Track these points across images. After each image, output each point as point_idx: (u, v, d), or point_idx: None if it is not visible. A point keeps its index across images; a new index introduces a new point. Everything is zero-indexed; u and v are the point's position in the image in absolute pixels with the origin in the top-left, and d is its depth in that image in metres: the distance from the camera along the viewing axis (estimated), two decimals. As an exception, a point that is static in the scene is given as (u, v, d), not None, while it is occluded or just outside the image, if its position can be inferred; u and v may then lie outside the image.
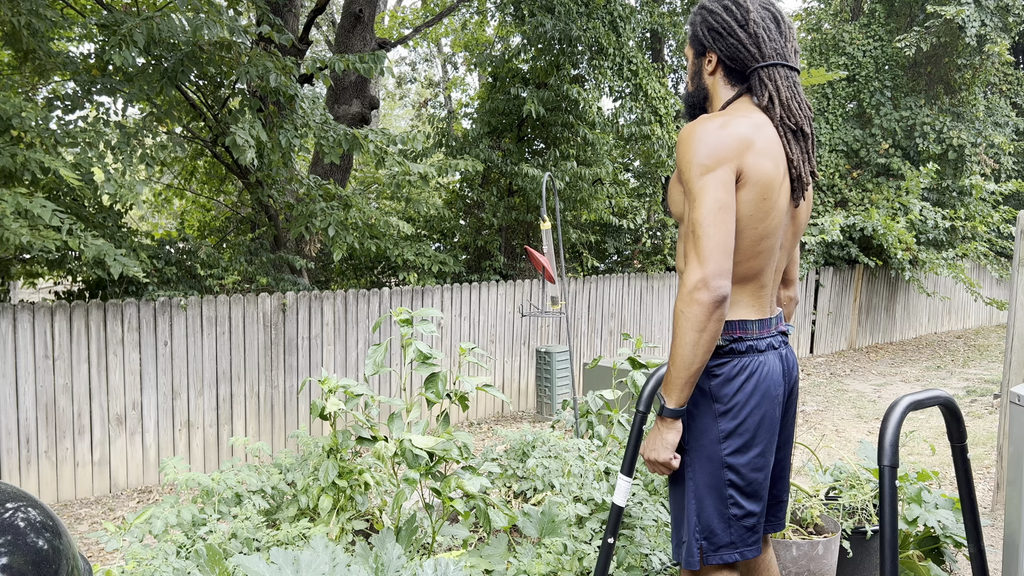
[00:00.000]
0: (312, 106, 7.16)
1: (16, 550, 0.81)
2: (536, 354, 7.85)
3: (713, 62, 1.91)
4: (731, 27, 1.86)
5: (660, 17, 10.21)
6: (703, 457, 1.84)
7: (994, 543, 3.64)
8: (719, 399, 1.82)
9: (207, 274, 6.62)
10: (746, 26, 1.85)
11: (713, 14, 1.88)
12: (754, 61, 1.86)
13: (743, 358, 1.83)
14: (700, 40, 1.91)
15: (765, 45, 1.85)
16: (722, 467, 1.83)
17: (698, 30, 1.90)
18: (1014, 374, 3.95)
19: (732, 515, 1.84)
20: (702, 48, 1.92)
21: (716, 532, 1.85)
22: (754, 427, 1.83)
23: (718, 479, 1.83)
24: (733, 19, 1.86)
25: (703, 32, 1.89)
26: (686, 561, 1.88)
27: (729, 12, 1.87)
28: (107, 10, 5.72)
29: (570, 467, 3.05)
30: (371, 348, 2.73)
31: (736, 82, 1.90)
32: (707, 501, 1.84)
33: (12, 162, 4.57)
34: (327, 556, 1.89)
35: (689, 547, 1.87)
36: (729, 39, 1.87)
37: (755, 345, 1.85)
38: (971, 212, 12.19)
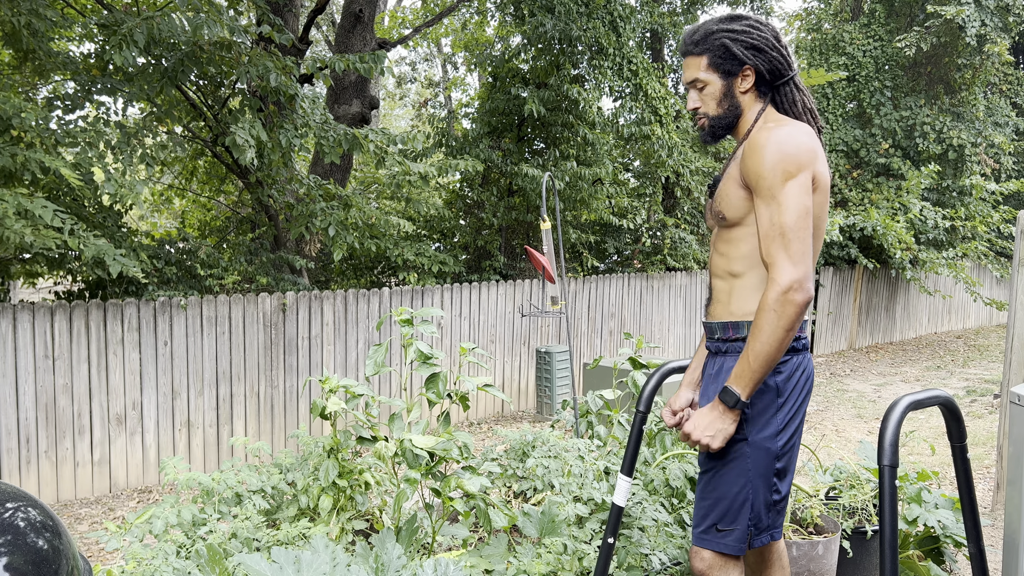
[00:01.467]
0: (312, 106, 7.16)
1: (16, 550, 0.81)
2: (536, 354, 7.85)
3: (750, 78, 1.99)
4: (770, 42, 1.97)
5: (660, 17, 10.21)
6: (762, 448, 1.93)
7: (994, 543, 3.64)
8: (782, 394, 1.93)
9: (207, 274, 6.62)
10: (779, 40, 1.99)
11: (748, 33, 1.96)
12: (788, 71, 2.00)
13: (799, 355, 1.97)
14: (738, 59, 1.96)
15: (791, 56, 2.01)
16: (775, 457, 1.94)
17: (735, 49, 1.95)
18: (1014, 374, 3.95)
19: (773, 500, 1.97)
20: (737, 67, 1.97)
21: (762, 517, 1.96)
22: (800, 419, 1.99)
23: (770, 468, 1.93)
24: (770, 34, 1.98)
25: (741, 51, 1.95)
26: (734, 547, 1.95)
27: (760, 29, 1.98)
28: (107, 10, 5.72)
29: (570, 467, 3.05)
30: (372, 348, 2.73)
31: (762, 95, 2.02)
32: (760, 489, 1.94)
33: (12, 162, 4.57)
34: (328, 555, 1.89)
35: (741, 533, 1.95)
36: (771, 53, 1.97)
37: (805, 343, 2.01)
38: (971, 212, 12.19)
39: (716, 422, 1.90)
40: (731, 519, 1.96)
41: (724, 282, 2.01)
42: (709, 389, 2.05)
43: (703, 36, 1.98)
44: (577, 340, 8.61)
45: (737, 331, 1.99)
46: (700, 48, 1.99)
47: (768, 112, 2.00)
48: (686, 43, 2.03)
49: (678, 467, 3.04)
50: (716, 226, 2.03)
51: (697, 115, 2.04)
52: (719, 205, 1.97)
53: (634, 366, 3.40)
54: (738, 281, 1.98)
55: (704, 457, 2.01)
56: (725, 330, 2.01)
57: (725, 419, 1.89)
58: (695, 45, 2.00)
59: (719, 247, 2.01)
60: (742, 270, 1.97)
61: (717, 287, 2.04)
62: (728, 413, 1.89)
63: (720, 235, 2.01)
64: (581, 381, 7.89)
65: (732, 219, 1.96)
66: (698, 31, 2.01)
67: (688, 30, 2.05)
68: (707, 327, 2.09)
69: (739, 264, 1.97)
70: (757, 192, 1.86)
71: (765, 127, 1.89)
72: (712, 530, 1.98)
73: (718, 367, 2.04)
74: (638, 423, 2.35)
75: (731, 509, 1.96)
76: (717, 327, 2.03)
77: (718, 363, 2.04)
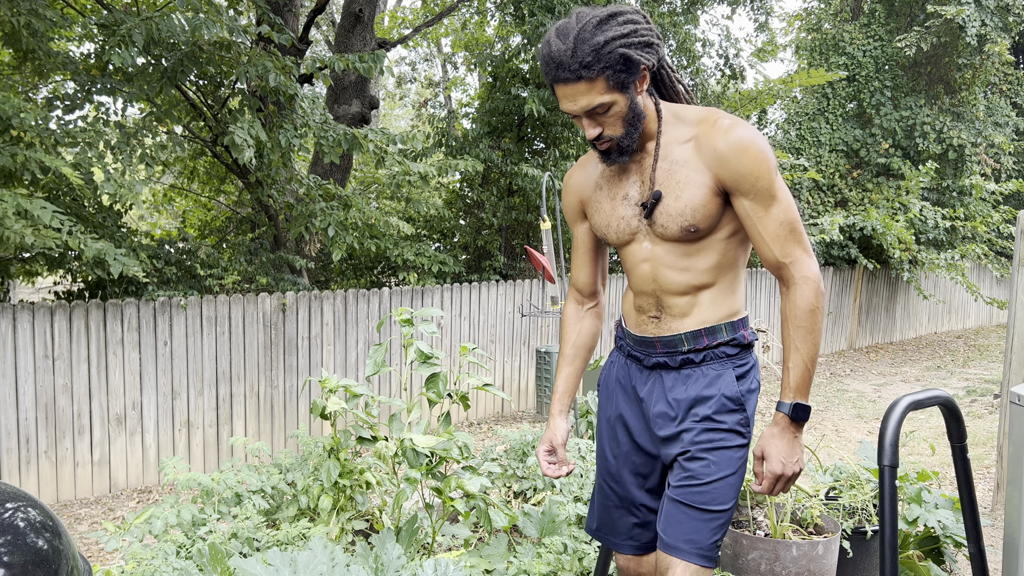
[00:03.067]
0: (312, 106, 7.16)
1: (16, 550, 0.81)
2: (536, 354, 7.85)
3: (647, 78, 1.71)
4: (655, 31, 1.69)
5: (660, 17, 10.20)
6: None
7: (994, 543, 3.64)
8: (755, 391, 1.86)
9: (207, 274, 6.62)
10: (650, 21, 1.70)
11: (636, 32, 1.64)
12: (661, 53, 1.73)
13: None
14: (637, 62, 1.64)
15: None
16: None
17: (635, 57, 1.63)
18: (1014, 374, 3.95)
19: None
20: (636, 74, 1.66)
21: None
22: None
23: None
24: (648, 21, 1.68)
25: (639, 55, 1.64)
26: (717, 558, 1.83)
27: (643, 20, 1.68)
28: (107, 10, 5.72)
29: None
30: (372, 348, 2.73)
31: (649, 88, 1.78)
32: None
33: (12, 162, 4.57)
34: (326, 556, 1.89)
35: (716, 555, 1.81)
36: (657, 43, 1.69)
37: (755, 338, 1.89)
38: (971, 212, 12.19)
39: (797, 445, 1.72)
40: (721, 530, 1.79)
41: (688, 297, 1.80)
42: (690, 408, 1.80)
43: (592, 54, 1.59)
44: (577, 340, 8.60)
45: (714, 336, 1.79)
46: (594, 70, 1.61)
47: (664, 104, 1.78)
48: (569, 68, 1.61)
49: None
50: (676, 241, 1.76)
51: (601, 140, 1.72)
52: (687, 219, 1.71)
53: (634, 366, 3.40)
54: (708, 291, 1.79)
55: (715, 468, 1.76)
56: (698, 339, 1.79)
57: (800, 437, 1.73)
58: (586, 69, 1.60)
59: (677, 262, 1.78)
60: (712, 279, 1.79)
61: (674, 303, 1.81)
62: (800, 430, 1.72)
63: (676, 249, 1.77)
64: (581, 381, 7.89)
65: (706, 229, 1.74)
66: (579, 49, 1.59)
67: (561, 50, 1.61)
68: (660, 341, 1.84)
69: (708, 275, 1.78)
70: (752, 194, 1.67)
71: (739, 121, 1.68)
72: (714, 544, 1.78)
73: (698, 381, 1.81)
74: (638, 423, 2.34)
75: (725, 519, 1.79)
76: (684, 338, 1.80)
77: (694, 376, 1.81)
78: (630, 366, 1.94)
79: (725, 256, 1.78)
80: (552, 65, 1.63)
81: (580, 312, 2.10)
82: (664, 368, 1.85)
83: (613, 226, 1.85)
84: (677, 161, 1.73)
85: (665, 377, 1.85)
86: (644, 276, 1.83)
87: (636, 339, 1.90)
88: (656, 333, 1.85)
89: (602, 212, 1.87)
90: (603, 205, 1.87)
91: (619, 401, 1.97)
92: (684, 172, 1.72)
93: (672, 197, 1.72)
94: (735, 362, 1.80)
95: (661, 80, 1.83)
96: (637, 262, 1.84)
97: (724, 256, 1.78)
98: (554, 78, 1.65)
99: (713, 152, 1.68)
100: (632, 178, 1.82)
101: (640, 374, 1.91)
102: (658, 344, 1.85)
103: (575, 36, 1.61)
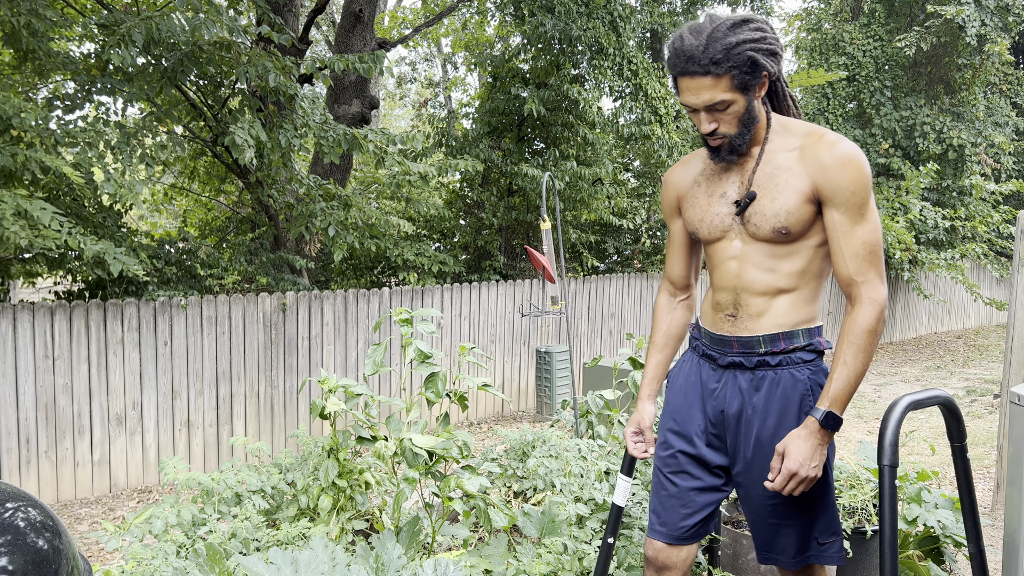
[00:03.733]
0: (312, 106, 7.16)
1: (16, 550, 0.81)
2: (536, 354, 7.85)
3: (766, 85, 1.80)
4: (780, 42, 1.80)
5: (660, 17, 10.21)
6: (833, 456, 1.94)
7: (994, 543, 3.64)
8: None
9: (207, 274, 6.63)
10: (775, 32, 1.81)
11: (764, 39, 1.74)
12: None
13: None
14: (762, 67, 1.74)
15: None
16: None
17: (761, 61, 1.72)
18: (1014, 374, 3.95)
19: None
20: (759, 78, 1.75)
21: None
22: None
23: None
24: (776, 35, 1.79)
25: (765, 60, 1.74)
26: (839, 556, 1.95)
27: (770, 30, 1.77)
28: (107, 10, 5.72)
29: (570, 467, 3.05)
30: (371, 348, 2.73)
31: (764, 99, 1.87)
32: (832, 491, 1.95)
33: (12, 162, 4.57)
34: (326, 556, 1.89)
35: (840, 543, 1.95)
36: (782, 53, 1.80)
37: None
38: (971, 212, 12.18)
39: (819, 451, 1.77)
40: (829, 530, 1.93)
41: (767, 298, 1.86)
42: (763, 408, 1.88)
43: (723, 53, 1.68)
44: (577, 340, 8.61)
45: (791, 341, 1.85)
46: (722, 67, 1.69)
47: (774, 115, 1.86)
48: (699, 62, 1.70)
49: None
50: (767, 241, 1.83)
51: (715, 135, 1.80)
52: (780, 221, 1.78)
53: (634, 366, 3.40)
54: (789, 295, 1.85)
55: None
56: (775, 342, 1.85)
57: (825, 444, 1.78)
58: (715, 65, 1.69)
59: (764, 263, 1.84)
60: (796, 284, 1.85)
61: (752, 303, 1.87)
62: (828, 437, 1.78)
63: (765, 250, 1.84)
64: (581, 381, 7.89)
65: (797, 234, 1.81)
66: (711, 46, 1.69)
67: (693, 45, 1.70)
68: (737, 341, 1.90)
69: (793, 279, 1.84)
70: (845, 208, 1.73)
71: (820, 135, 1.76)
72: (826, 543, 1.93)
73: (761, 383, 1.88)
74: (638, 423, 2.34)
75: (828, 520, 1.92)
76: (762, 340, 1.86)
77: (759, 378, 1.88)
78: (702, 365, 2.00)
79: (811, 264, 1.85)
80: (682, 58, 1.72)
81: (672, 303, 2.17)
82: (739, 368, 1.91)
83: (706, 221, 1.92)
84: (779, 166, 1.80)
85: (739, 377, 1.91)
86: (728, 273, 1.90)
87: (713, 337, 1.96)
88: (732, 332, 1.91)
89: (697, 207, 1.94)
90: (699, 201, 1.94)
91: (689, 397, 2.02)
92: (784, 177, 1.79)
93: (768, 199, 1.80)
94: (811, 368, 1.87)
95: (776, 92, 1.91)
96: (724, 259, 1.90)
97: (810, 263, 1.85)
98: (682, 71, 1.74)
99: (816, 161, 1.76)
100: (732, 178, 1.89)
101: (712, 373, 1.97)
102: (735, 344, 1.90)
103: (708, 34, 1.70)
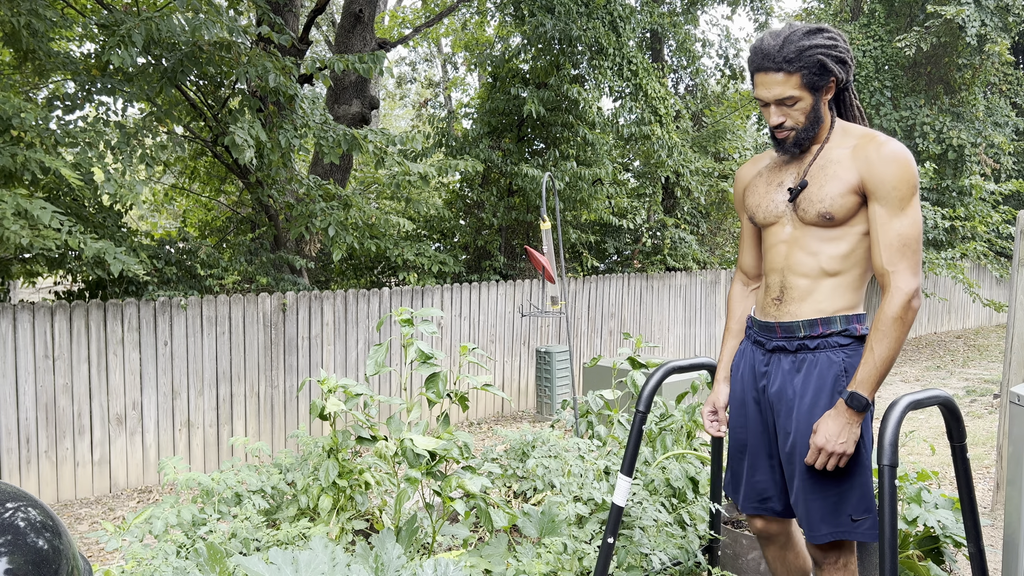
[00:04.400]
0: (312, 106, 7.16)
1: (16, 550, 0.81)
2: (536, 354, 7.85)
3: (833, 90, 2.01)
4: (850, 52, 2.00)
5: (660, 17, 10.21)
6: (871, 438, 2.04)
7: (994, 543, 3.64)
8: None
9: (207, 274, 6.63)
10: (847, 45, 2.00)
11: (836, 47, 1.96)
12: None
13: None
14: (831, 72, 1.94)
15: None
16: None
17: (830, 65, 1.94)
18: (1014, 374, 3.95)
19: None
20: (826, 81, 1.96)
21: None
22: None
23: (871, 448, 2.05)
24: (847, 46, 1.99)
25: (834, 65, 1.95)
26: (871, 533, 2.02)
27: (842, 40, 1.98)
28: (107, 10, 5.72)
29: (570, 467, 3.05)
30: (372, 348, 2.73)
31: (830, 104, 2.05)
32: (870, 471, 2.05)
33: (12, 162, 4.57)
34: (326, 556, 1.89)
35: (874, 520, 2.04)
36: (850, 64, 2.00)
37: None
38: (971, 212, 12.19)
39: (847, 429, 1.92)
40: (861, 508, 2.02)
41: (810, 280, 2.01)
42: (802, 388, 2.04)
43: (796, 53, 1.92)
44: (577, 340, 8.61)
45: (828, 326, 2.00)
46: (794, 66, 1.93)
47: (838, 121, 2.04)
48: (773, 60, 1.94)
49: (678, 467, 3.05)
50: (813, 225, 2.00)
51: (782, 128, 2.01)
52: (825, 206, 1.96)
53: (633, 366, 3.41)
54: (832, 279, 2.00)
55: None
56: (814, 327, 2.01)
57: (854, 423, 1.92)
58: (788, 63, 1.93)
59: (810, 245, 2.01)
60: (840, 268, 1.99)
61: (797, 284, 2.03)
62: (856, 417, 1.92)
63: (812, 233, 2.00)
64: (581, 381, 7.89)
65: (840, 219, 1.97)
66: (785, 47, 1.93)
67: (771, 44, 1.96)
68: (780, 326, 2.07)
69: (836, 263, 1.99)
70: (885, 200, 1.90)
71: (874, 136, 1.94)
72: (858, 521, 2.02)
73: (801, 365, 2.03)
74: (638, 423, 2.35)
75: (860, 500, 2.01)
76: (802, 325, 2.02)
77: (800, 360, 2.04)
78: (755, 351, 2.17)
79: (856, 250, 1.98)
80: (760, 56, 1.96)
81: (745, 292, 2.33)
82: (783, 352, 2.07)
83: (763, 207, 2.10)
84: (832, 160, 1.99)
85: (783, 360, 2.07)
86: (777, 255, 2.07)
87: (760, 324, 2.14)
88: (777, 318, 2.08)
89: (757, 194, 2.13)
90: (759, 188, 2.14)
91: (745, 384, 2.20)
92: (834, 168, 1.97)
93: (816, 186, 1.98)
94: (847, 352, 2.00)
95: (843, 100, 2.09)
96: (776, 242, 2.08)
97: (855, 249, 1.98)
98: (758, 66, 1.97)
99: (865, 157, 1.93)
100: (791, 170, 2.08)
101: (762, 357, 2.14)
102: (778, 329, 2.07)
103: (786, 36, 1.94)
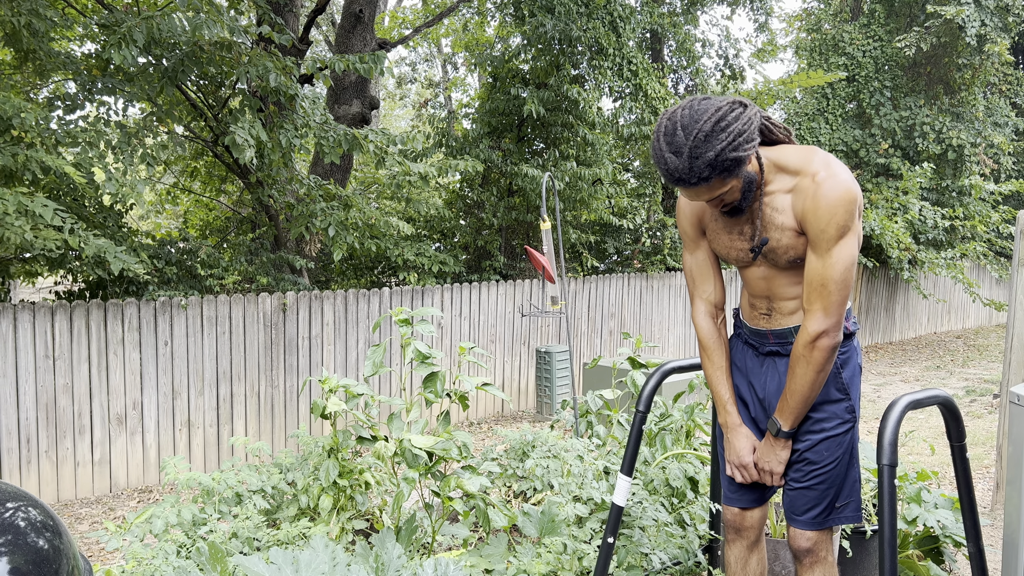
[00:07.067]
0: (312, 106, 7.16)
1: (16, 550, 0.81)
2: (536, 354, 7.85)
3: (752, 159, 1.93)
4: (759, 115, 1.90)
5: (660, 17, 10.21)
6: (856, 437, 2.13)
7: (994, 543, 3.64)
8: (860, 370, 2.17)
9: (207, 274, 6.63)
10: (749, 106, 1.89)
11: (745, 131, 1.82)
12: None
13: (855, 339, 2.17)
14: (747, 154, 1.83)
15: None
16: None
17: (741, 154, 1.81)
18: (1014, 374, 3.95)
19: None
20: (744, 162, 1.85)
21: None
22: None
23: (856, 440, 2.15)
24: (755, 110, 1.87)
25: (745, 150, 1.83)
26: (855, 515, 2.12)
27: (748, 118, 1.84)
28: (108, 10, 5.72)
29: (569, 467, 3.05)
30: (371, 348, 2.73)
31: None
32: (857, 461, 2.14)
33: (13, 162, 4.57)
34: (327, 555, 1.89)
35: (856, 504, 2.12)
36: (759, 119, 1.89)
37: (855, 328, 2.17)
38: (970, 212, 12.19)
39: (770, 451, 2.11)
40: (847, 495, 2.11)
41: (797, 300, 2.08)
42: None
43: (707, 168, 1.80)
44: (577, 340, 8.62)
45: None
46: (711, 179, 1.83)
47: (765, 154, 2.00)
48: (689, 180, 1.82)
49: (678, 467, 3.05)
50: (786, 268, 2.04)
51: (724, 205, 1.97)
52: (791, 255, 1.99)
53: (633, 366, 3.41)
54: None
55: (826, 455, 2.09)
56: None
57: (775, 448, 2.10)
58: (703, 180, 1.82)
59: (790, 278, 2.05)
60: None
61: (784, 305, 2.11)
62: (777, 443, 2.09)
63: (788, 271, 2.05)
64: (581, 381, 7.89)
65: (786, 259, 2.02)
66: (694, 165, 1.80)
67: (677, 166, 1.81)
68: (772, 333, 2.13)
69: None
70: (814, 243, 1.92)
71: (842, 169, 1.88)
72: (844, 505, 2.11)
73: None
74: (638, 423, 2.35)
75: (845, 486, 2.10)
76: (794, 331, 2.09)
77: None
78: (747, 351, 2.24)
79: None
80: (673, 178, 1.86)
81: (715, 327, 2.28)
82: (777, 355, 2.16)
83: (732, 256, 2.14)
84: (778, 209, 1.99)
85: (778, 362, 2.16)
86: (759, 287, 2.14)
87: (751, 330, 2.21)
88: (768, 327, 2.15)
89: (720, 243, 2.15)
90: (721, 237, 2.14)
91: (736, 379, 2.27)
92: (782, 219, 1.99)
93: (775, 240, 2.01)
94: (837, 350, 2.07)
95: (765, 135, 2.05)
96: (754, 278, 2.14)
97: None
98: (675, 183, 1.89)
99: (802, 202, 1.94)
100: (744, 217, 2.07)
101: (756, 359, 2.21)
102: (770, 336, 2.15)
103: (688, 153, 1.80)
